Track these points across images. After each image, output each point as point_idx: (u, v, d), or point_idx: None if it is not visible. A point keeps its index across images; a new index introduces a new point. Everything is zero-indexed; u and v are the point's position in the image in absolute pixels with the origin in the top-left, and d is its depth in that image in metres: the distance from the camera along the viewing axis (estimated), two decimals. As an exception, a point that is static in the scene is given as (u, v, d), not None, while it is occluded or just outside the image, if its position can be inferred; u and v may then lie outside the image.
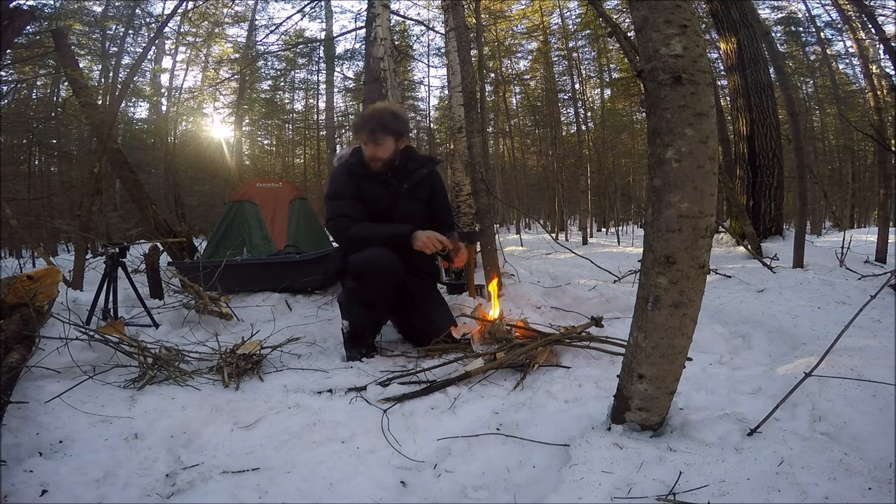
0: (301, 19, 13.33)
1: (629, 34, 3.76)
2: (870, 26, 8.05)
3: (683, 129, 1.00)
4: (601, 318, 2.12)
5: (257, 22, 12.61)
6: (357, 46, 11.09)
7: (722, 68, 7.29)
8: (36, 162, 10.33)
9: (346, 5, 22.41)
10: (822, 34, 12.49)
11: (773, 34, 11.31)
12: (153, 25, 8.99)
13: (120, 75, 10.51)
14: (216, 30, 11.03)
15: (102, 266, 2.62)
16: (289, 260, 3.35)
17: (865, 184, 13.60)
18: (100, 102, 7.85)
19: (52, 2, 7.58)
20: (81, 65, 7.79)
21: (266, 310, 2.84)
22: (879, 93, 9.77)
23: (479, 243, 2.99)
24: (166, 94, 13.04)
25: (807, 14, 12.29)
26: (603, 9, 3.99)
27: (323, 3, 11.25)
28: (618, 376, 1.20)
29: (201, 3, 7.95)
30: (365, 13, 4.69)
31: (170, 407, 1.45)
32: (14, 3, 3.26)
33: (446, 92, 5.83)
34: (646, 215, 1.09)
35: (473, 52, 5.35)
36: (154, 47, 11.10)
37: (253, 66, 11.86)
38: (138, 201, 4.53)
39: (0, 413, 1.24)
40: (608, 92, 14.28)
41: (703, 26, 7.67)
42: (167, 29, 9.43)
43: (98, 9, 9.83)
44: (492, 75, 12.79)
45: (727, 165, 6.33)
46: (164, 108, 12.95)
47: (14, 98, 9.38)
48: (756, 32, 5.41)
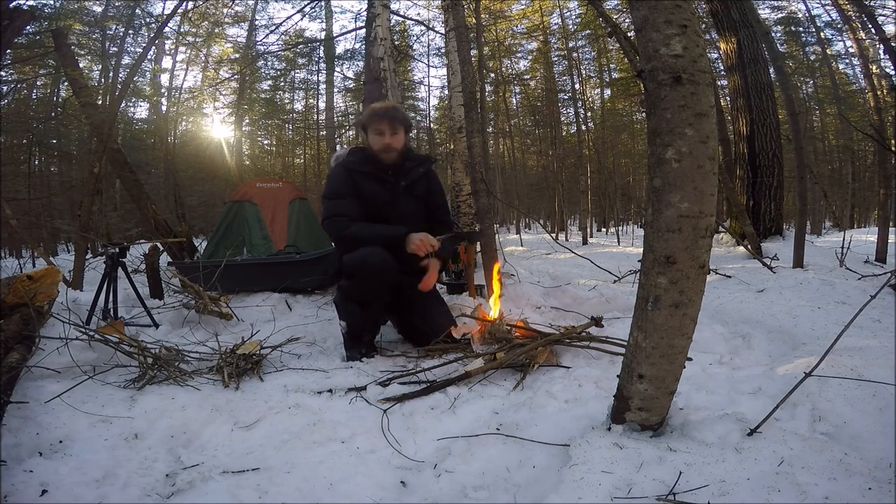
0: (301, 19, 13.35)
1: (629, 34, 3.76)
2: (870, 26, 8.05)
3: (683, 129, 1.00)
4: (601, 318, 2.12)
5: (257, 22, 12.62)
6: (357, 46, 11.09)
7: (722, 68, 7.30)
8: (36, 162, 10.33)
9: (346, 5, 22.47)
10: (822, 34, 12.50)
11: (773, 34, 11.31)
12: (153, 25, 8.98)
13: (120, 75, 10.51)
14: (216, 30, 11.03)
15: (102, 266, 2.62)
16: (289, 260, 3.35)
17: (865, 184, 13.61)
18: (100, 102, 7.84)
19: (52, 2, 7.58)
20: (81, 65, 7.78)
21: (266, 310, 2.84)
22: (879, 93, 9.78)
23: (480, 243, 2.99)
24: (166, 94, 13.05)
25: (807, 14, 12.30)
26: (603, 9, 3.99)
27: (323, 3, 11.24)
28: (618, 376, 1.20)
29: (201, 3, 7.95)
30: (365, 13, 4.70)
31: (170, 407, 1.45)
32: (14, 3, 3.26)
33: (446, 92, 5.84)
34: (646, 215, 1.09)
35: (473, 52, 5.35)
36: (154, 47, 11.10)
37: (253, 66, 11.85)
38: (138, 201, 4.53)
39: (0, 413, 1.24)
40: (608, 92, 14.28)
41: (703, 26, 7.67)
42: (167, 29, 9.43)
43: (98, 9, 9.83)
44: (492, 75, 12.78)
45: (727, 165, 6.33)
46: (164, 108, 12.96)
47: (14, 98, 9.37)
48: (756, 32, 5.41)
